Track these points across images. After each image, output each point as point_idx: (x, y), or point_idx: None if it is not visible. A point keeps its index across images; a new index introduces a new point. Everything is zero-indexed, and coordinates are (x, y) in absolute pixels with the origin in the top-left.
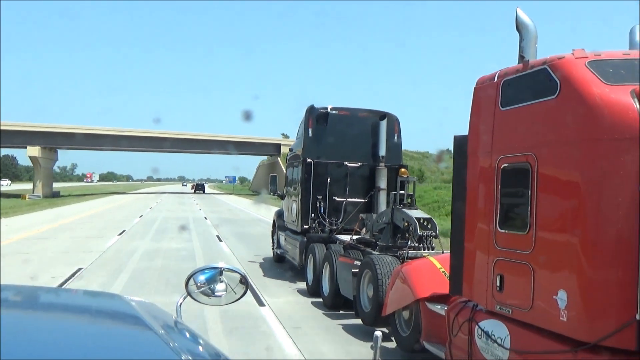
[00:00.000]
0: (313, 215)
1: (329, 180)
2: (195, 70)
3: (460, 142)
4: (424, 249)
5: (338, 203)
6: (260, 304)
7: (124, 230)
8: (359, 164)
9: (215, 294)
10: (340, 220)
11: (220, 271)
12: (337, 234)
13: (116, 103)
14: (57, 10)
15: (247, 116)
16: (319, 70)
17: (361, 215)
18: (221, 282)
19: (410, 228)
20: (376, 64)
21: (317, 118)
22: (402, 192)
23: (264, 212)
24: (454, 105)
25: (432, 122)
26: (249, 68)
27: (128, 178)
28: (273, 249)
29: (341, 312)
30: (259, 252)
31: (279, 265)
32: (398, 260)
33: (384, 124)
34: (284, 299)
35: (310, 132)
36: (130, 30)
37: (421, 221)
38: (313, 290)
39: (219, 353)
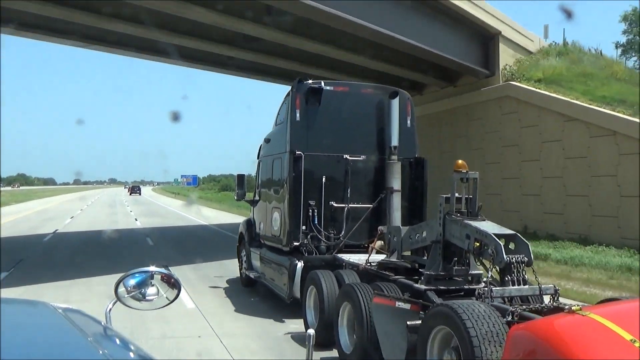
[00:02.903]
0: (304, 227)
1: (323, 179)
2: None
3: None
4: (513, 283)
5: (337, 210)
6: None
7: None
8: (363, 157)
9: (147, 298)
10: (342, 234)
11: (151, 274)
12: (337, 252)
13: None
14: None
15: (175, 117)
16: None
17: (380, 227)
18: (152, 285)
19: (489, 250)
20: None
21: (306, 96)
22: (457, 195)
23: None
24: None
25: None
26: (175, 69)
27: (47, 182)
28: (241, 270)
29: None
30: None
31: (251, 292)
32: (496, 311)
33: (395, 104)
34: (275, 352)
35: (297, 115)
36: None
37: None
38: (319, 340)
39: (151, 358)
